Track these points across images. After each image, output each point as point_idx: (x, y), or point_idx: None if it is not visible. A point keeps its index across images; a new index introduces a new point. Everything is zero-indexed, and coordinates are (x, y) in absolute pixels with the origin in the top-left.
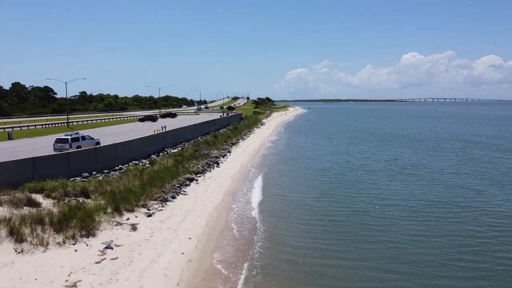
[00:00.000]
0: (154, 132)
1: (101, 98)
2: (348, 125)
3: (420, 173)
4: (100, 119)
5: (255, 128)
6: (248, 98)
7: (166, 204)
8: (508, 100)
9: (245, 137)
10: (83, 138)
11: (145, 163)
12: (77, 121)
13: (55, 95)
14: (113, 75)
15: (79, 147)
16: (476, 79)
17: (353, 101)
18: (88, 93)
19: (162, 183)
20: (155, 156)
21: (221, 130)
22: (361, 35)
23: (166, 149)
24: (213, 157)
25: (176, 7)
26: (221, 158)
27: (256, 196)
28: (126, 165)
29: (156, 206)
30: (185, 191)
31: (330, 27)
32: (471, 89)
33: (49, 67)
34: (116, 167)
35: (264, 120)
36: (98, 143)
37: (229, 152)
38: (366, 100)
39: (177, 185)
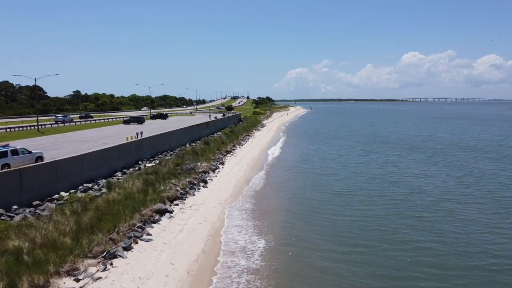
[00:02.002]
0: (127, 140)
1: (95, 97)
2: (357, 127)
3: (477, 209)
4: (81, 121)
5: (254, 131)
6: (248, 98)
7: (111, 264)
8: (508, 100)
9: (243, 142)
10: (14, 152)
11: (102, 186)
12: (52, 124)
13: (45, 94)
14: (113, 74)
15: (6, 165)
16: (476, 78)
17: (354, 100)
18: (83, 92)
19: (114, 223)
20: (120, 174)
21: (215, 135)
22: (361, 35)
23: (140, 163)
24: (200, 173)
25: (176, 6)
26: (211, 173)
27: (255, 241)
28: (73, 191)
29: (93, 271)
30: (150, 234)
31: (330, 27)
32: (472, 89)
33: (48, 66)
34: (56, 195)
35: (264, 121)
36: (40, 158)
37: (222, 163)
38: (367, 100)
39: (139, 224)
